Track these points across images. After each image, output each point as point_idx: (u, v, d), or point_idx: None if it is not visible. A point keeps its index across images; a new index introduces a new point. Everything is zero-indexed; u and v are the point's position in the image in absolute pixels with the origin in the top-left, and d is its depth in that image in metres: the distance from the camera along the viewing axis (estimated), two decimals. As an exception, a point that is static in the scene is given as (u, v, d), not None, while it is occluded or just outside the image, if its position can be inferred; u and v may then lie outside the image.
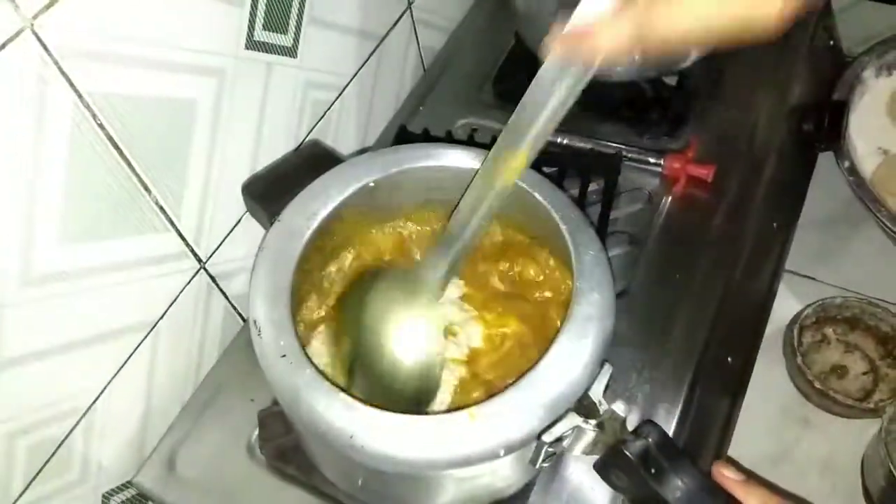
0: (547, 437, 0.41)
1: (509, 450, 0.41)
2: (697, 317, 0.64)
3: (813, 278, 0.89)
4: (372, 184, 0.51)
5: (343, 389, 0.42)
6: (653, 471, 0.39)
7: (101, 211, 0.50)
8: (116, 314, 0.55)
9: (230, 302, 0.67)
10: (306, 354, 0.43)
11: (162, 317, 0.59)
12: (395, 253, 0.56)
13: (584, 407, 0.43)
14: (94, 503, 0.60)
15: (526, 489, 0.53)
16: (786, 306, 0.85)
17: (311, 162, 0.57)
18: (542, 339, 0.50)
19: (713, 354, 0.63)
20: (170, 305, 0.60)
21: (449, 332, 0.51)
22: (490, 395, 0.42)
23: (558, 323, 0.48)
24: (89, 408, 0.55)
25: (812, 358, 0.84)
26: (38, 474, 0.53)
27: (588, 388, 0.43)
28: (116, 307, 0.55)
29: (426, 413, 0.47)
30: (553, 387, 0.42)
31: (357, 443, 0.40)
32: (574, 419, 0.42)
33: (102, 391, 0.56)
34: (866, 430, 0.78)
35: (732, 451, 0.70)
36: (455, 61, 0.87)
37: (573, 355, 0.43)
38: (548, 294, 0.54)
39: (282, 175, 0.59)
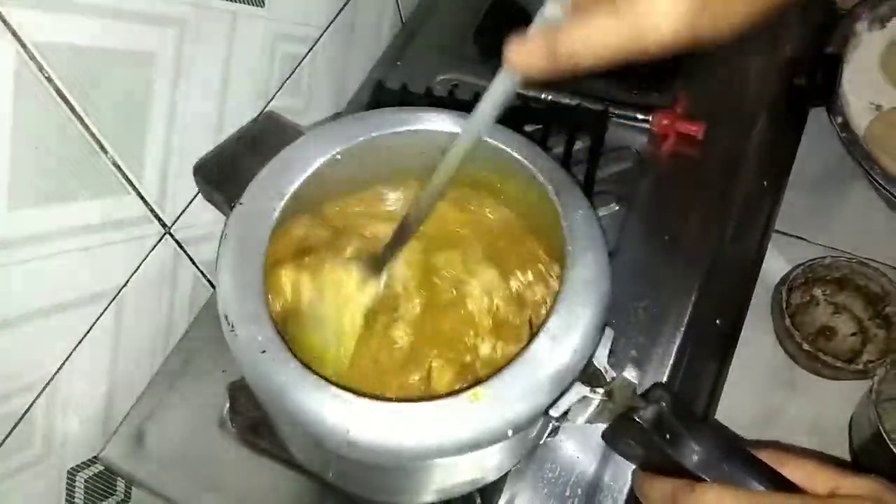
0: (554, 412, 0.40)
1: (517, 429, 0.39)
2: (686, 278, 0.63)
3: (802, 238, 0.88)
4: (339, 156, 0.47)
5: (333, 382, 0.39)
6: (667, 436, 0.37)
7: (52, 172, 0.47)
8: (75, 283, 0.52)
9: (199, 268, 0.64)
10: (289, 347, 0.40)
11: (125, 284, 0.56)
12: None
13: (589, 375, 0.41)
14: (60, 480, 0.57)
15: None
16: (774, 267, 0.83)
17: (269, 137, 0.53)
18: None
19: (702, 317, 0.62)
20: (133, 272, 0.56)
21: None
22: (491, 374, 0.39)
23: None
24: (50, 381, 0.53)
25: (800, 319, 0.83)
26: (-4, 451, 0.51)
27: (592, 356, 0.41)
28: (75, 275, 0.51)
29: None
30: (557, 359, 0.39)
31: (355, 438, 0.37)
32: (581, 389, 0.40)
33: (63, 364, 0.53)
34: (854, 391, 0.77)
35: (720, 414, 0.68)
36: (435, 13, 0.83)
37: (574, 323, 0.40)
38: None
39: (237, 154, 0.55)
